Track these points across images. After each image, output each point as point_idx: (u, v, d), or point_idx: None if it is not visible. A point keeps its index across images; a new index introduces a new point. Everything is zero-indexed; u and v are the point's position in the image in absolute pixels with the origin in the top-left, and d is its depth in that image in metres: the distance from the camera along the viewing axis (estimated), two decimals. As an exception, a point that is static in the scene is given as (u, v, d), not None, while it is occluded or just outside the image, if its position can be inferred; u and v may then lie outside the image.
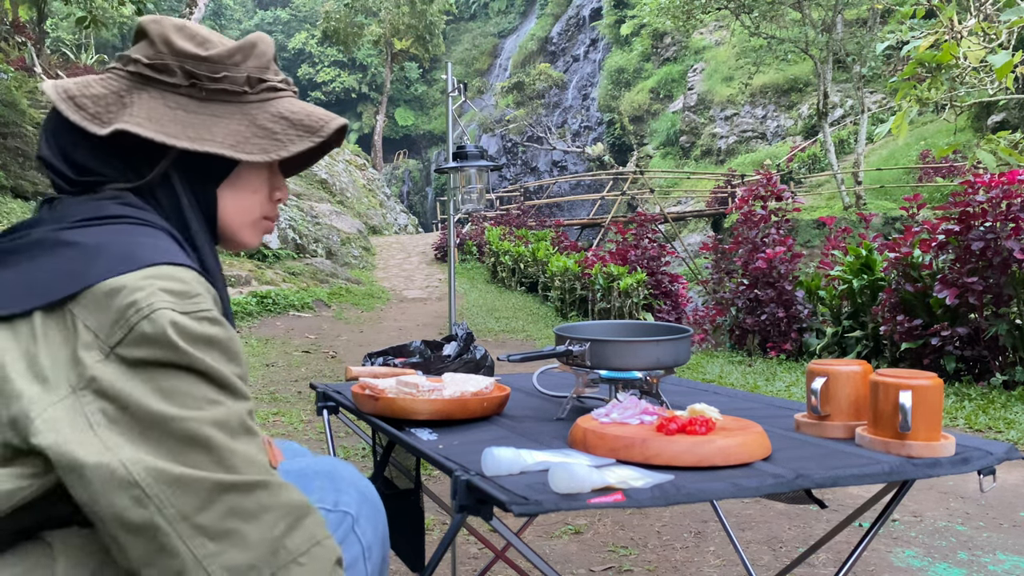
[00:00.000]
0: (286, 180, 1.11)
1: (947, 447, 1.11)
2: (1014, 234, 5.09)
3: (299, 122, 1.00)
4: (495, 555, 1.74)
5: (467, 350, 1.79)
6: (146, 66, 0.96)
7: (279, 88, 1.02)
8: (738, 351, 7.61)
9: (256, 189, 1.04)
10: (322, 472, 0.97)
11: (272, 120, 0.99)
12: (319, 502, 0.92)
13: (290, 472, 0.96)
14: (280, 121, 0.99)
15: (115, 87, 0.96)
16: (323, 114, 1.03)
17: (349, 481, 0.97)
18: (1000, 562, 2.42)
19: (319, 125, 1.00)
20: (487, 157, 2.78)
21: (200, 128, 0.95)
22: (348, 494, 0.95)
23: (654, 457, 1.04)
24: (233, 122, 0.97)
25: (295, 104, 1.02)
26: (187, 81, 0.96)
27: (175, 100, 0.96)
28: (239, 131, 0.97)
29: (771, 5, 18.18)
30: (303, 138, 0.99)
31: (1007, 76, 5.86)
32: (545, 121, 37.66)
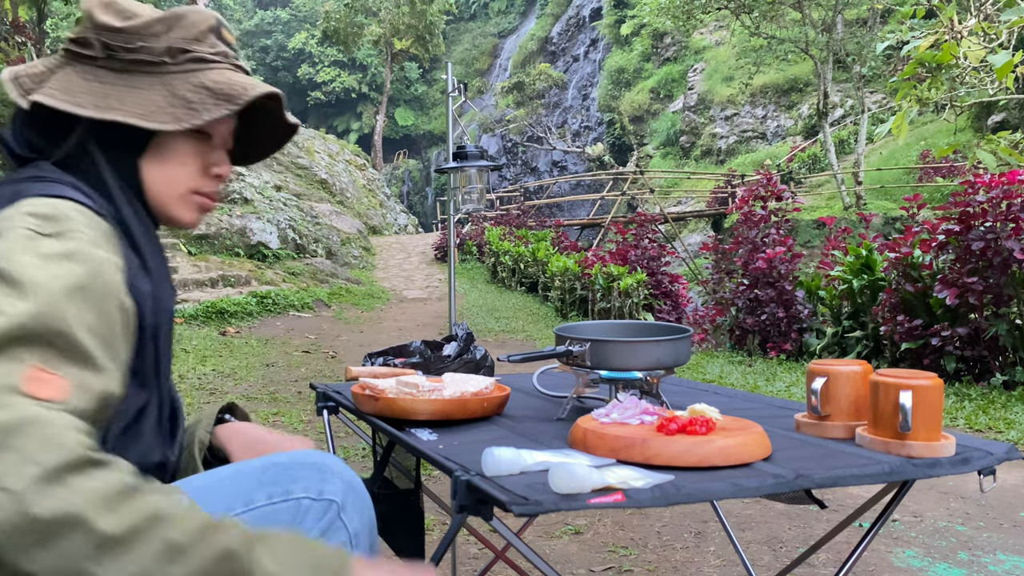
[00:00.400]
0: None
1: (947, 447, 1.11)
2: (1014, 234, 5.09)
3: (219, 91, 0.98)
4: (495, 555, 1.74)
5: (467, 350, 1.79)
6: (72, 41, 0.98)
7: (209, 60, 1.00)
8: (738, 351, 7.61)
9: (183, 161, 1.01)
10: (307, 463, 0.96)
11: (192, 90, 0.97)
12: (304, 492, 0.92)
13: (276, 464, 0.95)
14: (200, 91, 0.97)
15: (52, 64, 0.99)
16: (248, 82, 1.00)
17: (334, 471, 0.96)
18: (1000, 562, 2.42)
19: (237, 92, 0.98)
20: (487, 157, 2.78)
21: (111, 98, 0.95)
22: (333, 483, 0.94)
23: (654, 457, 1.04)
24: (152, 92, 0.96)
25: (225, 75, 1.00)
26: (104, 53, 0.96)
27: (93, 72, 0.97)
28: (154, 101, 0.96)
29: (771, 5, 18.18)
30: (219, 106, 0.97)
31: (1007, 76, 5.86)
32: (545, 121, 37.66)
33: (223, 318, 9.24)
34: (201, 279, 11.96)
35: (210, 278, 12.07)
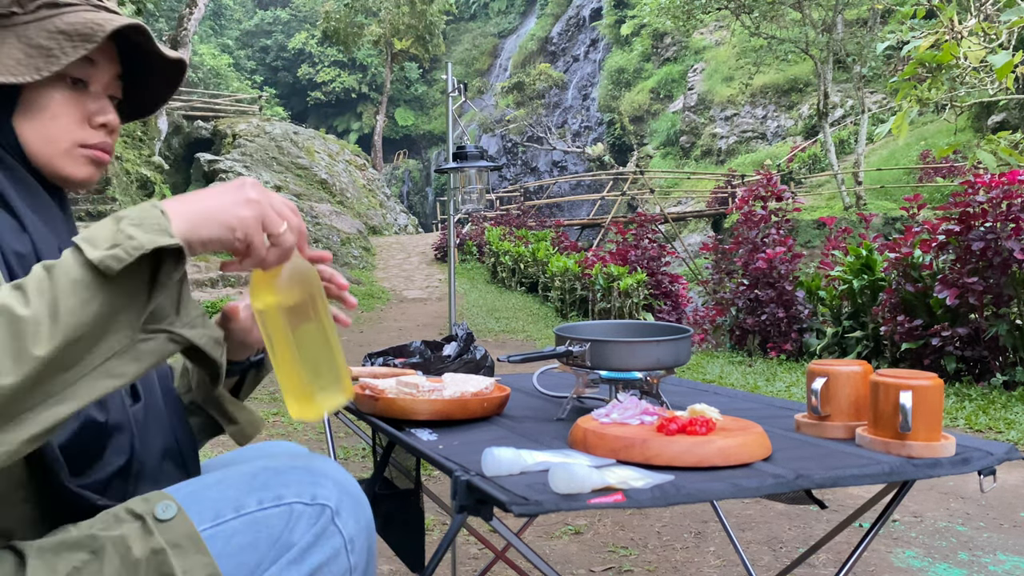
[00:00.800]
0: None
1: (947, 447, 1.11)
2: (1014, 234, 5.09)
3: (75, 32, 0.92)
4: (495, 555, 1.74)
5: (467, 350, 1.79)
6: None
7: (63, 3, 0.94)
8: (738, 351, 7.61)
9: (55, 114, 0.95)
10: (298, 467, 0.93)
11: (48, 36, 0.92)
12: (296, 496, 0.89)
13: (267, 468, 0.92)
14: (56, 36, 0.92)
15: None
16: (105, 18, 0.94)
17: (326, 473, 0.92)
18: (1000, 562, 2.42)
19: (93, 30, 0.92)
20: (487, 157, 2.78)
21: None
22: (325, 487, 0.91)
23: (654, 457, 1.04)
24: (5, 46, 0.91)
25: (81, 16, 0.94)
26: None
27: None
28: (11, 55, 0.91)
29: (771, 5, 18.18)
30: (76, 48, 0.91)
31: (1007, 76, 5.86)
32: (545, 121, 37.66)
33: (223, 318, 9.22)
34: (201, 279, 11.97)
35: (210, 278, 12.07)
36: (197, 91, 29.47)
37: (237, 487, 0.90)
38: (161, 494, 0.88)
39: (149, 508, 0.85)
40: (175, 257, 0.76)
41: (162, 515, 0.84)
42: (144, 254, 0.73)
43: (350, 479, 0.94)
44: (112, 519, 0.85)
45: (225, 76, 39.49)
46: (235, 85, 39.31)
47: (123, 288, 0.73)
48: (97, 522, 0.85)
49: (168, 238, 0.74)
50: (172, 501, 0.86)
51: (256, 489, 0.89)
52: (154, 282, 0.75)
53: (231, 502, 0.88)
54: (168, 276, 0.76)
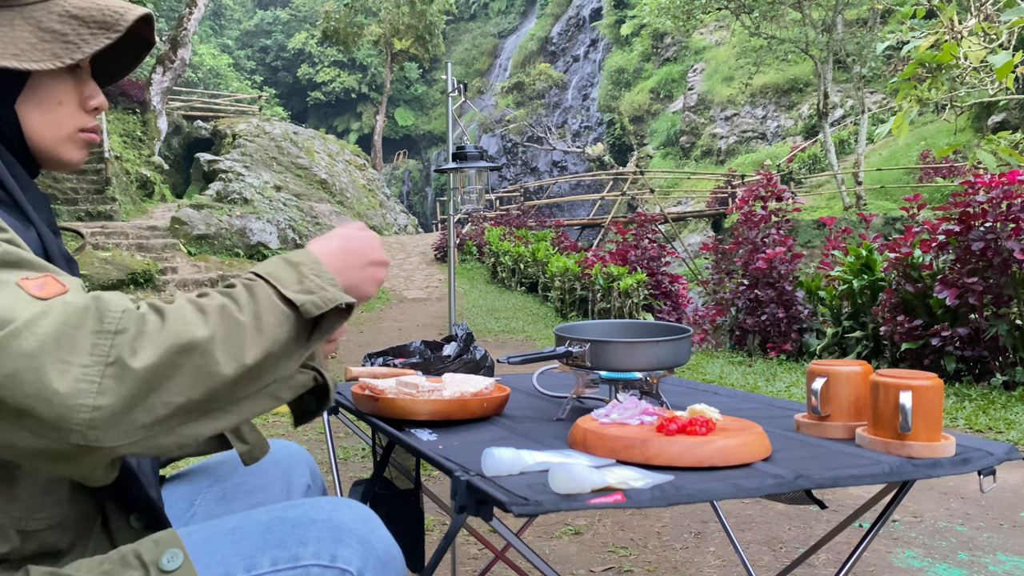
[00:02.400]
0: (104, 88, 1.00)
1: (947, 447, 1.11)
2: (1014, 234, 5.09)
3: (91, 19, 0.90)
4: (495, 556, 1.74)
5: (467, 350, 1.79)
6: None
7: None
8: (738, 351, 7.60)
9: (61, 100, 0.93)
10: (319, 520, 0.85)
11: (60, 21, 0.89)
12: (315, 558, 0.82)
13: (285, 520, 0.85)
14: (69, 21, 0.89)
15: None
16: (118, 6, 0.92)
17: (350, 530, 0.84)
18: (1000, 563, 2.42)
19: (114, 19, 0.90)
20: (487, 157, 2.78)
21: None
22: (348, 547, 0.83)
23: (654, 457, 1.04)
24: (13, 30, 0.87)
25: (85, 0, 0.91)
26: None
27: None
28: (22, 38, 0.87)
29: (771, 5, 18.18)
30: (98, 36, 0.89)
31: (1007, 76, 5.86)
32: (545, 121, 37.66)
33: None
34: (201, 279, 11.97)
35: (210, 278, 12.07)
36: (197, 91, 29.47)
37: (251, 542, 0.84)
38: (172, 539, 0.83)
39: (156, 556, 0.81)
40: (343, 312, 0.83)
41: (167, 566, 0.80)
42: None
43: (377, 533, 0.87)
44: (119, 562, 0.81)
45: (225, 76, 39.50)
46: (235, 85, 39.32)
47: (302, 327, 0.79)
48: (105, 562, 0.81)
49: (346, 296, 0.82)
50: (181, 549, 0.81)
51: (271, 546, 0.83)
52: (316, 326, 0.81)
53: (243, 559, 0.82)
54: (332, 326, 0.82)
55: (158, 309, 0.73)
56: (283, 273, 0.80)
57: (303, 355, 0.81)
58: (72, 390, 0.66)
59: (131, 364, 0.68)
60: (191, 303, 0.75)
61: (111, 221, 13.48)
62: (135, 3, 0.98)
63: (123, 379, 0.68)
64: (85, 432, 0.67)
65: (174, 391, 0.70)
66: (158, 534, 0.84)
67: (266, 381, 0.78)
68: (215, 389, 0.72)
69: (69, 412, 0.66)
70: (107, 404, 0.67)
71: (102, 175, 14.55)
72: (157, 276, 11.40)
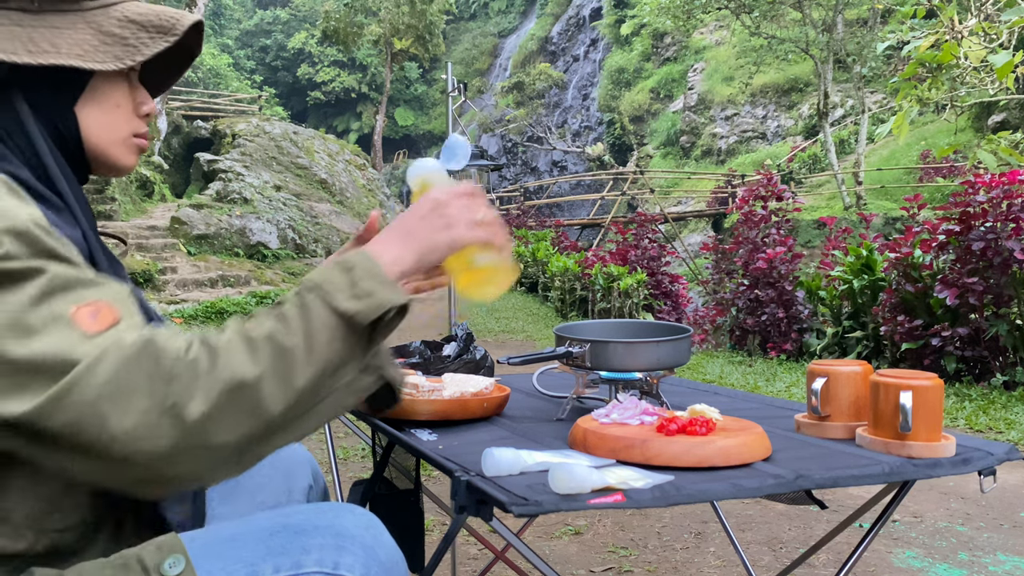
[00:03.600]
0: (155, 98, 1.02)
1: (947, 448, 1.11)
2: (1015, 234, 5.09)
3: (149, 23, 0.93)
4: (495, 556, 1.74)
5: (467, 350, 1.79)
6: None
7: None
8: (738, 351, 7.60)
9: (119, 103, 0.95)
10: (322, 526, 0.84)
11: (119, 25, 0.92)
12: (317, 565, 0.81)
13: (288, 527, 0.85)
14: (128, 25, 0.92)
15: None
16: (173, 12, 0.96)
17: (353, 536, 0.84)
18: (1000, 563, 2.41)
19: (171, 24, 0.94)
20: (487, 157, 2.78)
21: (41, 42, 0.88)
22: (352, 553, 0.82)
23: (654, 458, 1.04)
24: (76, 32, 0.90)
25: (141, 6, 0.95)
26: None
27: (6, 16, 0.88)
28: (85, 40, 0.90)
29: (771, 5, 18.19)
30: (156, 39, 0.93)
31: (1007, 76, 5.86)
32: (545, 121, 37.66)
33: (223, 318, 9.24)
34: (200, 279, 11.97)
35: (209, 278, 12.07)
36: (196, 91, 29.46)
37: (254, 548, 0.83)
38: (174, 544, 0.83)
39: (158, 561, 0.81)
40: (400, 311, 0.82)
41: (169, 571, 0.80)
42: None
43: (380, 540, 0.87)
44: (121, 567, 0.81)
45: (225, 76, 39.47)
46: (235, 85, 39.30)
47: (358, 334, 0.80)
48: (107, 567, 0.81)
49: (402, 296, 0.81)
50: (183, 555, 0.81)
51: (274, 552, 0.83)
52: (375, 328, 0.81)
53: (245, 566, 0.82)
54: (390, 327, 0.83)
55: (210, 349, 0.75)
56: (336, 280, 0.80)
57: (362, 362, 0.82)
58: (132, 435, 0.70)
59: (186, 410, 0.71)
60: (240, 337, 0.76)
61: (111, 221, 13.48)
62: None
63: (178, 424, 0.71)
64: (147, 468, 0.72)
65: (229, 430, 0.73)
66: (160, 539, 0.84)
67: (323, 395, 0.79)
68: (269, 422, 0.75)
69: (131, 455, 0.71)
70: (166, 446, 0.71)
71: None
72: (157, 276, 11.40)
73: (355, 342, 0.80)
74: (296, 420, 0.78)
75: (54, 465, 0.74)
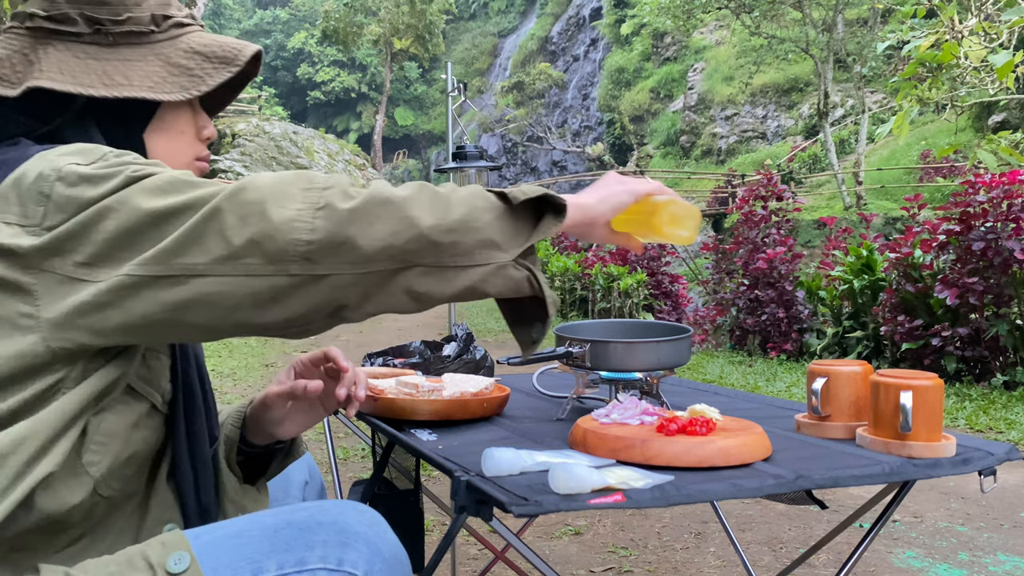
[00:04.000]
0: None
1: (948, 448, 1.11)
2: (1015, 234, 5.09)
3: (213, 55, 0.99)
4: (495, 556, 1.74)
5: (467, 350, 1.79)
6: (45, 19, 0.93)
7: (185, 23, 1.00)
8: (738, 351, 7.60)
9: (183, 129, 1.01)
10: (326, 523, 0.85)
11: (186, 56, 0.97)
12: (321, 562, 0.82)
13: (292, 524, 0.85)
14: (194, 56, 0.98)
15: (17, 46, 0.93)
16: (235, 43, 1.01)
17: (356, 533, 0.85)
18: (1001, 563, 2.41)
19: (233, 55, 0.99)
20: (487, 157, 2.78)
21: (115, 74, 0.93)
22: (355, 550, 0.83)
23: (654, 458, 1.04)
24: (146, 64, 0.95)
25: (204, 37, 1.00)
26: (90, 28, 0.93)
27: (82, 50, 0.93)
28: (155, 72, 0.95)
29: (771, 5, 18.19)
30: (220, 70, 0.98)
31: (1008, 76, 5.86)
32: (545, 121, 37.66)
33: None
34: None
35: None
36: (197, 91, 29.35)
37: (258, 545, 0.84)
38: (179, 540, 0.84)
39: (163, 557, 0.81)
40: (557, 214, 0.89)
41: (174, 568, 0.80)
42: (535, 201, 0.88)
43: (384, 536, 0.88)
44: (126, 563, 0.82)
45: (225, 76, 39.42)
46: (235, 85, 39.25)
47: (515, 219, 0.86)
48: (111, 564, 0.82)
49: (557, 196, 0.88)
50: (188, 552, 0.82)
51: (278, 550, 0.83)
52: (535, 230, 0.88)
53: (250, 562, 0.82)
54: (548, 227, 0.88)
55: (359, 183, 0.84)
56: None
57: (514, 247, 0.86)
58: (289, 225, 0.77)
59: (338, 207, 0.78)
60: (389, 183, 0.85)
61: (111, 221, 13.47)
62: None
63: (332, 218, 0.78)
64: (302, 262, 0.77)
65: (377, 233, 0.79)
66: (165, 535, 0.84)
67: (475, 259, 0.83)
68: (416, 239, 0.80)
69: (288, 245, 0.77)
70: (319, 238, 0.77)
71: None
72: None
73: (507, 223, 0.85)
74: (443, 266, 0.81)
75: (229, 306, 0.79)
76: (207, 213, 0.78)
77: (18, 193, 0.82)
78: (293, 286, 0.78)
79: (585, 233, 0.99)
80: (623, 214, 1.01)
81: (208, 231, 0.77)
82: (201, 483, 1.00)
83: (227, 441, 1.11)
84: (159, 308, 0.78)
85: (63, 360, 0.81)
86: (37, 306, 0.80)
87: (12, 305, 0.80)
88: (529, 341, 0.97)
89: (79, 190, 0.80)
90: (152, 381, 0.93)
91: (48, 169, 0.82)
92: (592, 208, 0.96)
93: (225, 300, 0.78)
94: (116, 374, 0.85)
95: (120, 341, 0.82)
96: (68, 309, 0.79)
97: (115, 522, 0.92)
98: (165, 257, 0.77)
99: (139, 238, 0.79)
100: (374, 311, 0.83)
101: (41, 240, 0.79)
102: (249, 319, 0.80)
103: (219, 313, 0.79)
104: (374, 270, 0.79)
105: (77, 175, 0.81)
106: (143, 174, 0.82)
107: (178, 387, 0.97)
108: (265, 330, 0.82)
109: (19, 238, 0.80)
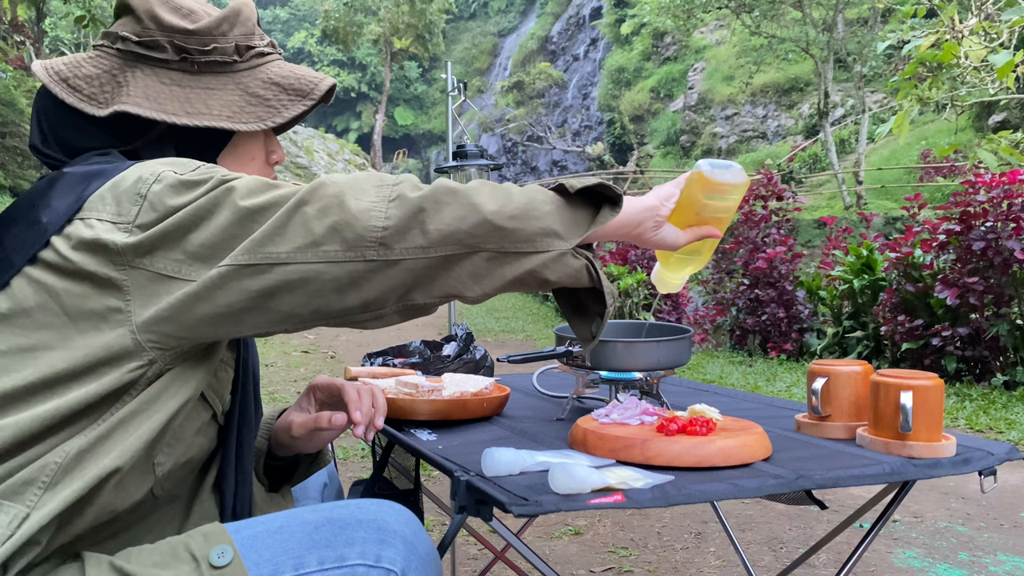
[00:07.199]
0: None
1: (948, 448, 1.11)
2: (1015, 234, 5.09)
3: (290, 86, 1.03)
4: (495, 556, 1.74)
5: (467, 350, 1.79)
6: (136, 43, 0.97)
7: (266, 53, 1.04)
8: (738, 351, 7.60)
9: (254, 156, 1.05)
10: (365, 520, 0.88)
11: (264, 87, 1.01)
12: (360, 558, 0.85)
13: (332, 521, 0.88)
14: (271, 87, 1.02)
15: (107, 66, 0.97)
16: (312, 76, 1.05)
17: (395, 531, 0.87)
18: (1001, 563, 2.41)
19: (309, 88, 1.03)
20: (487, 157, 2.78)
21: (196, 102, 0.97)
22: (393, 547, 0.86)
23: (654, 458, 1.04)
24: (227, 93, 0.99)
25: (283, 68, 1.04)
26: (178, 56, 0.97)
27: (168, 76, 0.97)
28: (234, 101, 0.99)
29: (772, 4, 18.18)
30: (295, 102, 1.02)
31: (1008, 76, 5.86)
32: (545, 121, 37.65)
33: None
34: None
35: (210, 277, 12.07)
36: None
37: (299, 540, 0.86)
38: (221, 533, 0.85)
39: (206, 550, 0.83)
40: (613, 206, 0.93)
41: (217, 561, 0.82)
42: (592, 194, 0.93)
43: (420, 535, 0.90)
44: (170, 554, 0.84)
45: (225, 75, 39.45)
46: (235, 84, 39.26)
47: (574, 209, 0.91)
48: (155, 553, 0.84)
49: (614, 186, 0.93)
50: (230, 545, 0.84)
51: (318, 545, 0.85)
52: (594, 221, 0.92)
53: (291, 558, 0.84)
54: (605, 217, 0.92)
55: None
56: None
57: (574, 236, 0.90)
58: (366, 214, 0.83)
59: (409, 196, 0.84)
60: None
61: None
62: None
63: (403, 206, 0.84)
64: (377, 248, 0.83)
65: (445, 219, 0.84)
66: (206, 527, 0.87)
67: (537, 246, 0.87)
68: (480, 223, 0.85)
69: (365, 231, 0.82)
70: (393, 224, 0.83)
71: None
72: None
73: (566, 212, 0.90)
74: (505, 252, 0.86)
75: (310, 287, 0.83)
76: (291, 207, 0.83)
77: (115, 194, 0.86)
78: (370, 271, 0.83)
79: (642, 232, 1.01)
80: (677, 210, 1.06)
81: (292, 222, 0.82)
82: (239, 493, 1.03)
83: (256, 452, 1.14)
84: (244, 296, 0.83)
85: (149, 354, 0.84)
86: (127, 301, 0.83)
87: (102, 299, 0.83)
88: (589, 336, 1.00)
89: (175, 192, 0.85)
90: (219, 391, 0.97)
91: (147, 173, 0.87)
92: (644, 199, 1.00)
93: (307, 286, 0.83)
94: (204, 379, 0.90)
95: (206, 334, 0.85)
96: (158, 304, 0.83)
97: (156, 522, 0.94)
98: (252, 248, 0.82)
99: (232, 235, 0.83)
100: (440, 295, 0.88)
101: (135, 238, 0.83)
102: (329, 304, 0.84)
103: (301, 299, 0.84)
104: (443, 254, 0.84)
105: (175, 178, 0.86)
106: (233, 177, 0.87)
107: (236, 400, 1.00)
108: (343, 315, 0.86)
109: (112, 234, 0.83)
